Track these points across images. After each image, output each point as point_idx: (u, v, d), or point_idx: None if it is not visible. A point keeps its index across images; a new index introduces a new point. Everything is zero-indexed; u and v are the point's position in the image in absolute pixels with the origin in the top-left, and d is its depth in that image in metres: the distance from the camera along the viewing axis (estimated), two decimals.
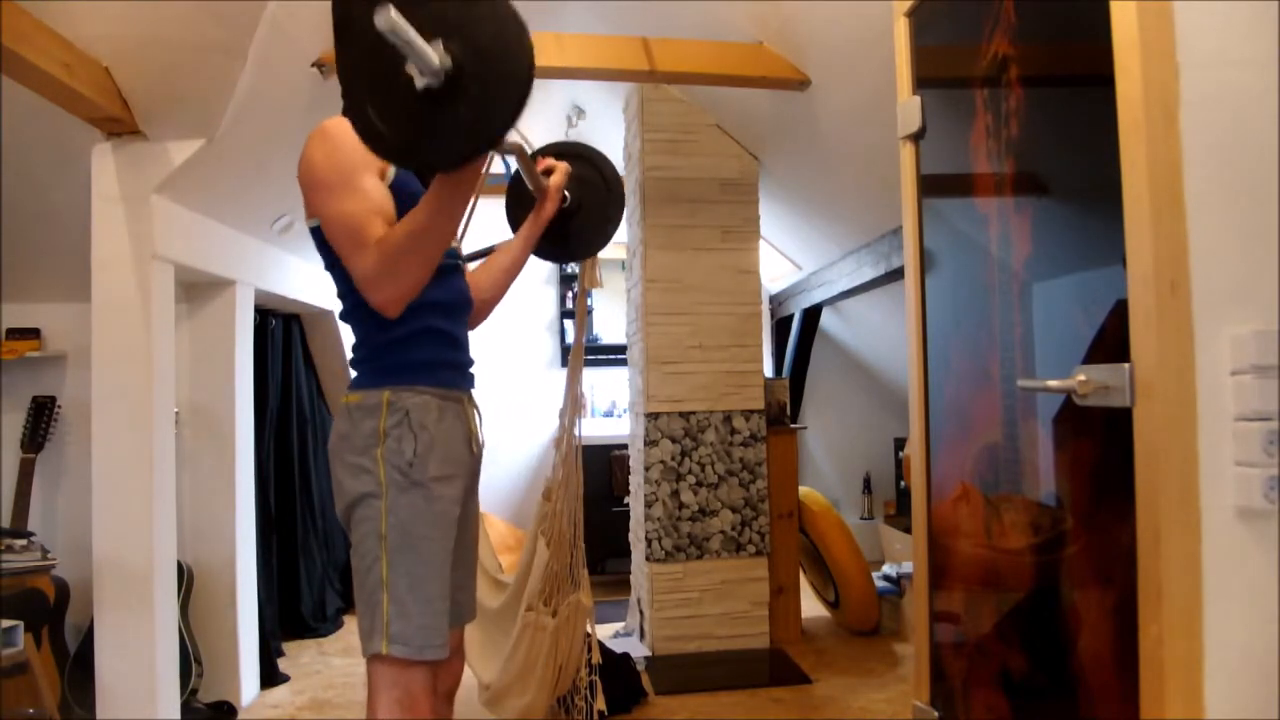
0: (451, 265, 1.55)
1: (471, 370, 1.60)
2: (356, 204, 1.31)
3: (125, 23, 1.91)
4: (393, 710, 1.36)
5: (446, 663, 1.60)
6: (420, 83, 1.09)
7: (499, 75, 1.10)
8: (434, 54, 1.07)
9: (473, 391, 1.60)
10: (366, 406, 1.42)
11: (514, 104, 1.09)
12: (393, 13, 0.99)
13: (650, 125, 3.52)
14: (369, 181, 1.35)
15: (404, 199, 1.41)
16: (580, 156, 1.91)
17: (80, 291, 2.37)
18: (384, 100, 1.14)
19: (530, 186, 1.74)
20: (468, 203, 1.31)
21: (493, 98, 1.09)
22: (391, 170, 1.41)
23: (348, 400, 1.45)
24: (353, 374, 1.50)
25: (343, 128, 1.36)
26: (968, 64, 1.36)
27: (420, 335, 1.46)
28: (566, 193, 1.82)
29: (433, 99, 1.10)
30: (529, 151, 1.70)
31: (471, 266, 1.77)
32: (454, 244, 1.59)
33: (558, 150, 1.89)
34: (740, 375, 3.54)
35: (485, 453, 1.61)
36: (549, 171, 1.77)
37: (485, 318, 1.74)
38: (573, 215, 1.87)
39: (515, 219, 1.89)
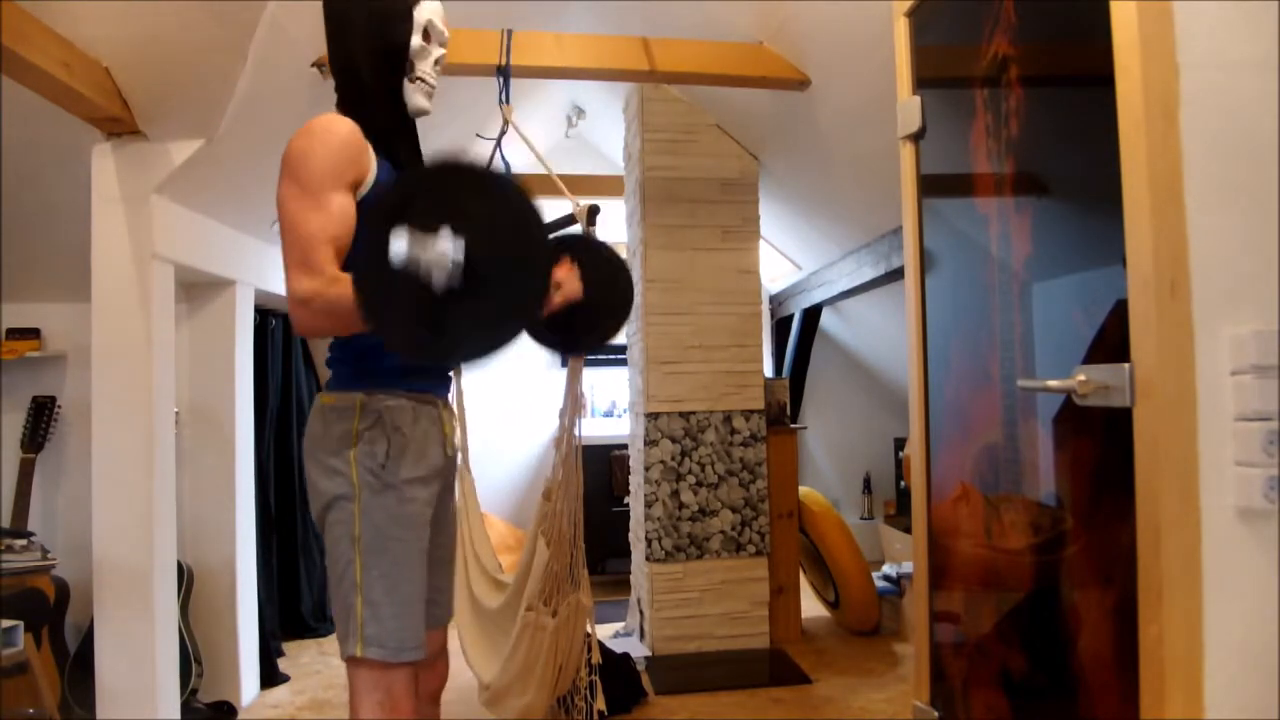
0: None
1: (449, 375, 1.59)
2: (316, 223, 1.31)
3: (125, 23, 1.91)
4: (375, 712, 1.36)
5: (431, 664, 1.60)
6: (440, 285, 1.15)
7: (506, 295, 1.17)
8: (444, 268, 1.13)
9: (448, 397, 1.59)
10: (340, 408, 1.42)
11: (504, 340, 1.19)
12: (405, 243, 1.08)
13: (650, 125, 3.52)
14: (337, 200, 1.34)
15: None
16: (591, 252, 1.85)
17: (80, 291, 2.37)
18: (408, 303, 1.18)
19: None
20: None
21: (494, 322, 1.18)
22: (371, 175, 1.41)
23: (323, 401, 1.45)
24: (329, 374, 1.50)
25: (332, 128, 1.37)
26: (968, 64, 1.36)
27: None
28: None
29: (447, 299, 1.16)
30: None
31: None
32: None
33: (574, 245, 1.83)
34: (740, 375, 3.54)
35: (486, 453, 1.62)
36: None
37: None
38: (577, 310, 1.74)
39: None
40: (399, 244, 1.10)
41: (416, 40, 1.49)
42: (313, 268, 1.29)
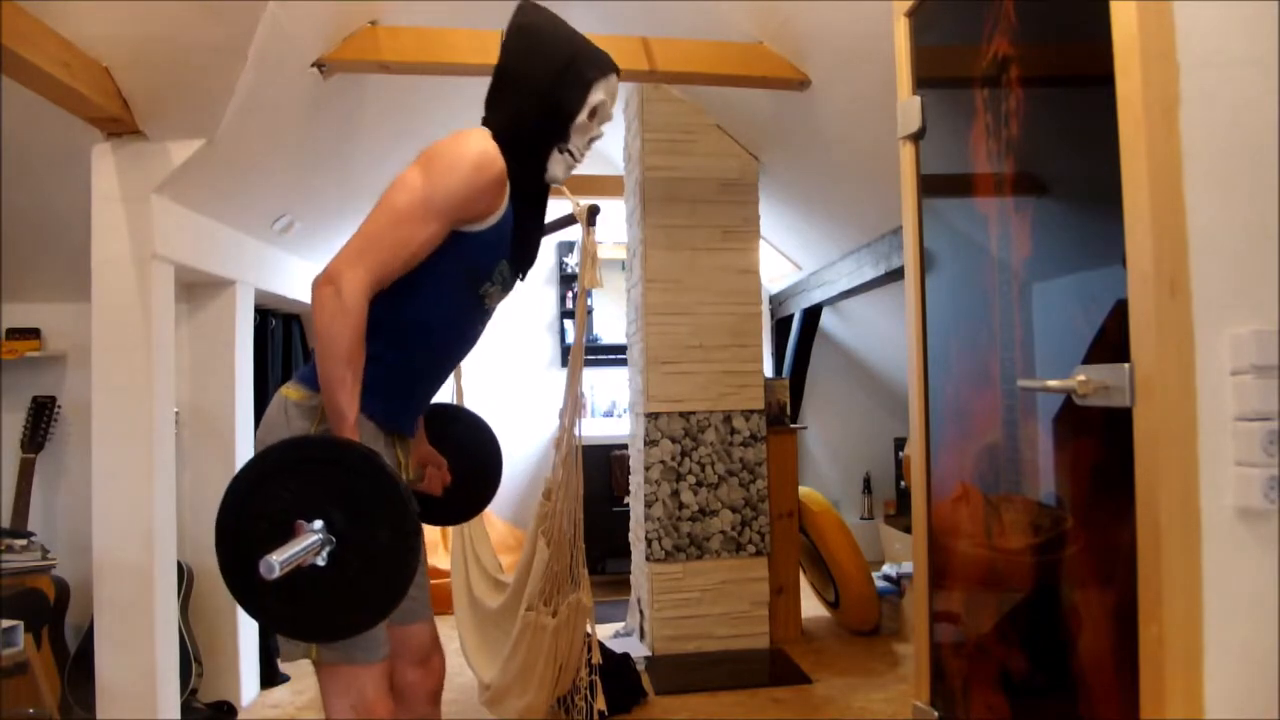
0: (466, 325, 1.54)
1: (418, 419, 1.60)
2: (402, 236, 1.30)
3: (125, 23, 1.91)
4: (347, 715, 1.34)
5: (425, 662, 1.59)
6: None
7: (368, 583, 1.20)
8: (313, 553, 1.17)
9: (409, 438, 1.60)
10: (305, 407, 1.40)
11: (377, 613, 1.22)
12: (276, 564, 1.10)
13: (650, 125, 3.52)
14: (436, 229, 1.33)
15: (481, 254, 1.41)
16: (463, 430, 1.95)
17: (80, 291, 2.37)
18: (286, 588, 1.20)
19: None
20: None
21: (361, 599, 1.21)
22: (498, 216, 1.40)
23: (287, 394, 1.43)
24: (305, 366, 1.47)
25: (492, 166, 1.35)
26: (968, 64, 1.36)
27: (390, 368, 1.44)
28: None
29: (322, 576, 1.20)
30: None
31: None
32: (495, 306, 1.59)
33: (439, 434, 1.86)
34: (740, 375, 3.54)
35: None
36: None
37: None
38: (449, 489, 1.86)
39: None
40: (268, 568, 1.12)
41: (583, 116, 1.46)
42: (363, 267, 1.27)
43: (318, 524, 1.18)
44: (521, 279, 1.58)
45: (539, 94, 1.43)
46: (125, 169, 2.29)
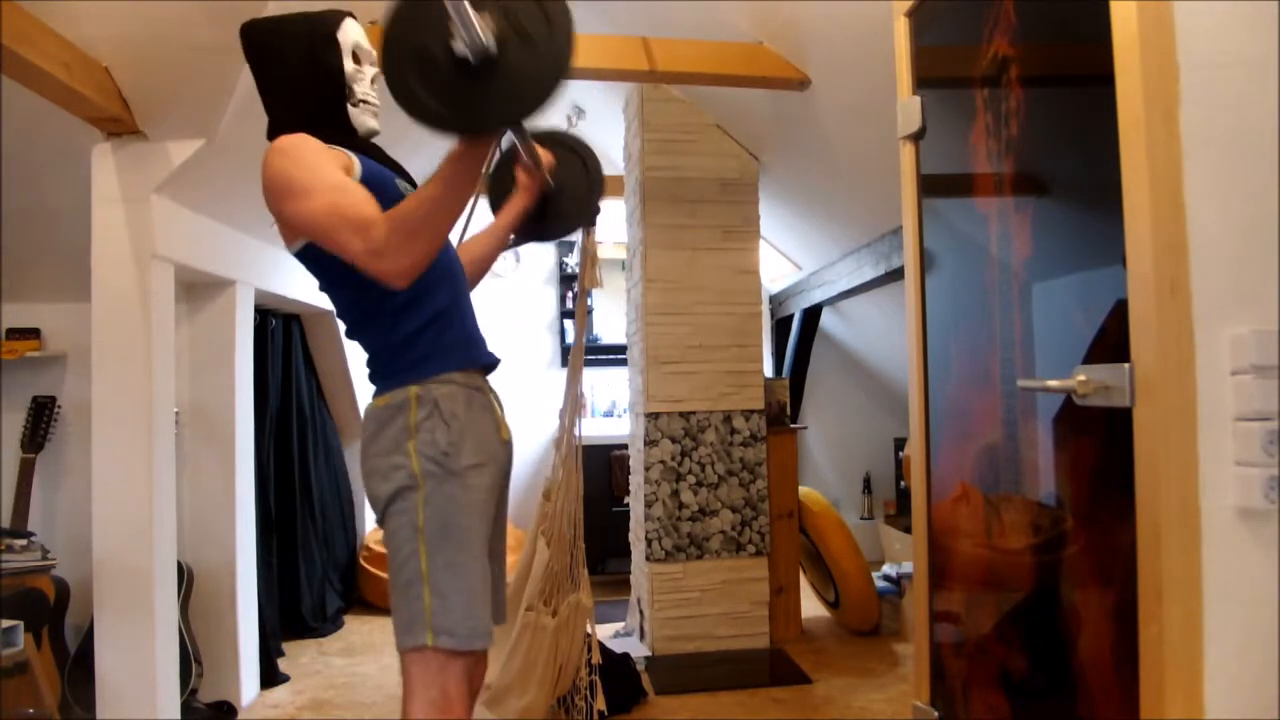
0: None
1: (494, 356, 1.59)
2: (342, 194, 1.30)
3: (125, 23, 1.91)
4: (428, 711, 1.34)
5: (478, 665, 1.59)
6: (461, 53, 1.16)
7: (537, 59, 1.19)
8: (482, 31, 1.14)
9: (490, 380, 1.59)
10: (395, 405, 1.41)
11: (549, 87, 1.19)
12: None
13: (650, 125, 3.52)
14: (339, 176, 1.34)
15: (380, 186, 1.41)
16: (560, 143, 1.97)
17: (80, 291, 2.37)
18: (423, 70, 1.20)
19: (525, 160, 1.79)
20: (478, 178, 1.32)
21: (530, 78, 1.19)
22: (356, 166, 1.41)
23: (375, 405, 1.44)
24: (374, 387, 1.49)
25: (301, 139, 1.36)
26: (968, 64, 1.36)
27: (430, 323, 1.45)
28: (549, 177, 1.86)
29: (473, 71, 1.18)
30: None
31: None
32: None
33: (538, 137, 1.92)
34: (740, 375, 3.54)
35: None
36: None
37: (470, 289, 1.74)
38: (553, 197, 1.93)
39: (496, 200, 1.94)
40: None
41: (349, 65, 1.48)
42: (363, 223, 1.26)
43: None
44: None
45: (300, 75, 1.45)
46: (125, 169, 2.29)
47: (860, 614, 3.62)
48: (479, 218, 1.76)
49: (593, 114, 4.57)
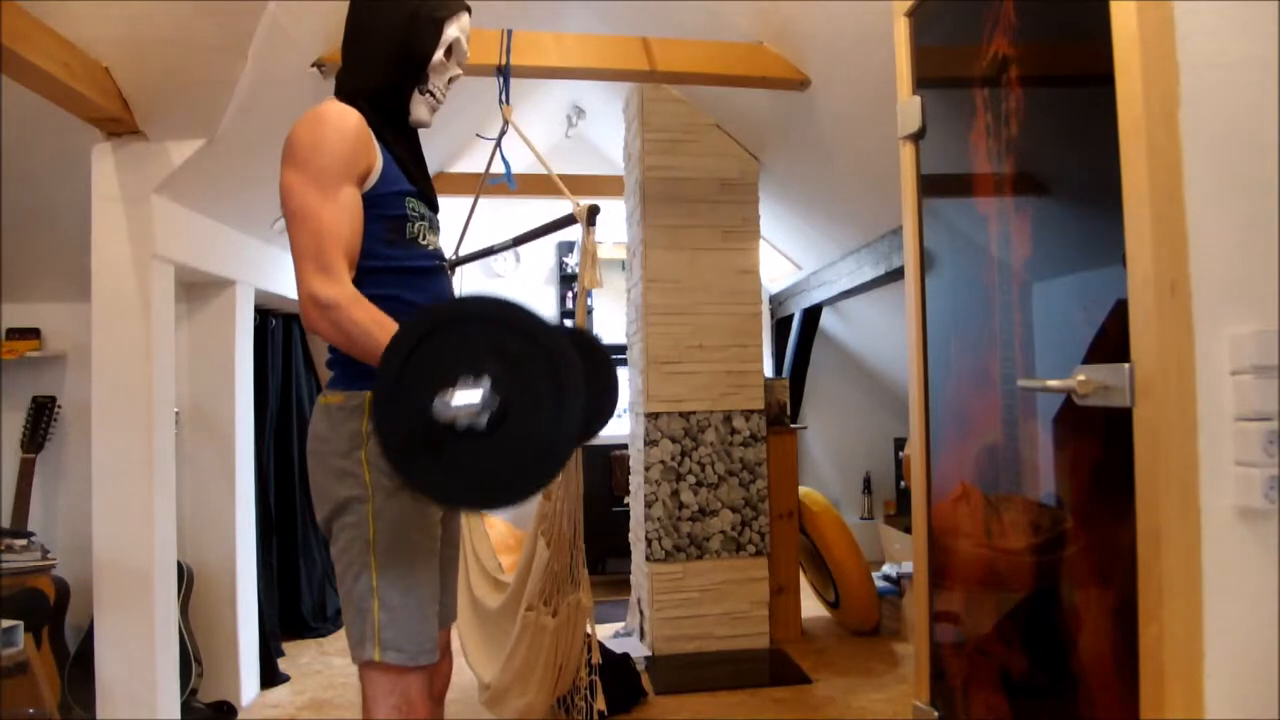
0: (434, 267, 1.53)
1: None
2: (330, 217, 1.30)
3: (125, 23, 1.91)
4: (391, 714, 1.35)
5: (438, 665, 1.60)
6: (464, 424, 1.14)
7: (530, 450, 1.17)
8: (477, 410, 1.13)
9: None
10: (349, 408, 1.39)
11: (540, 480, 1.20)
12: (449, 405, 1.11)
13: (650, 125, 3.52)
14: (347, 194, 1.34)
15: (387, 199, 1.41)
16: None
17: (80, 291, 2.37)
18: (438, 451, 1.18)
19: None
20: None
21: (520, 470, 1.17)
22: (378, 168, 1.40)
23: (328, 400, 1.42)
24: (331, 374, 1.47)
25: (346, 118, 1.36)
26: (968, 64, 1.36)
27: None
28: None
29: (474, 439, 1.15)
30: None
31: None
32: (437, 246, 1.58)
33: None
34: (740, 375, 3.54)
35: None
36: None
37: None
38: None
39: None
40: (442, 405, 1.11)
41: (438, 55, 1.48)
42: (330, 270, 1.28)
43: (484, 382, 1.14)
44: (435, 211, 1.58)
45: (392, 41, 1.45)
46: (125, 169, 2.29)
47: (860, 614, 3.62)
48: (477, 224, 1.75)
49: (593, 114, 4.57)
